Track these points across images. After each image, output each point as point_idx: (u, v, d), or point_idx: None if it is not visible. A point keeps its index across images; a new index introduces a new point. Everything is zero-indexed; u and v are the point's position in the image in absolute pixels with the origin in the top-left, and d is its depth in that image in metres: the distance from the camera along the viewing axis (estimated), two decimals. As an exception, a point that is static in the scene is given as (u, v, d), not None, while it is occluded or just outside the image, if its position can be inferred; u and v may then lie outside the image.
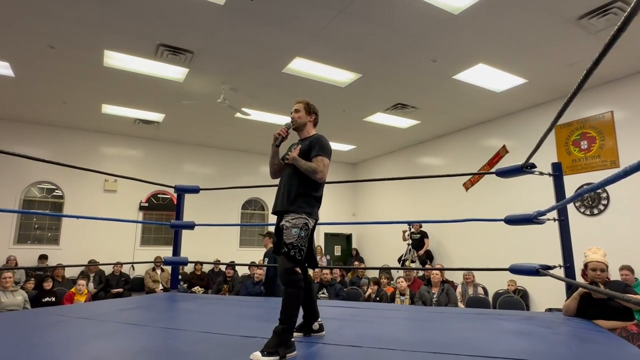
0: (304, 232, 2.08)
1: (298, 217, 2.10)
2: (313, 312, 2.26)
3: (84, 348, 2.02)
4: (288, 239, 2.06)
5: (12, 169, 8.34)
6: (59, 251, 8.63)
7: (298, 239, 2.06)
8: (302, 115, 2.37)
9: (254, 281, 6.83)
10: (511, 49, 5.50)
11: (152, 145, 10.02)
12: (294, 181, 2.18)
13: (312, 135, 2.35)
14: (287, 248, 2.04)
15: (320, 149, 2.21)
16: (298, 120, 2.37)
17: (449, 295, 5.69)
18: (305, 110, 2.38)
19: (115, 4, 4.59)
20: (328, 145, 2.27)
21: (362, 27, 5.03)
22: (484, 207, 8.16)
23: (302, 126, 2.39)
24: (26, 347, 2.11)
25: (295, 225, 2.08)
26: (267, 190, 10.96)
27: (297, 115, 2.37)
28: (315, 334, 2.24)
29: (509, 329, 2.62)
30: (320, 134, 2.34)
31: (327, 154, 2.22)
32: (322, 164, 2.18)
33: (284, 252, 2.04)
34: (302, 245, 2.06)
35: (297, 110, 2.38)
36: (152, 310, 3.31)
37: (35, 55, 5.74)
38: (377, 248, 11.33)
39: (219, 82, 6.63)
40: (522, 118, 7.82)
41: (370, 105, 7.73)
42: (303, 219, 2.10)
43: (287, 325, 1.92)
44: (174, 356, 1.88)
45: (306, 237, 2.10)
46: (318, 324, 2.26)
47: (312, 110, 2.41)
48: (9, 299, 4.97)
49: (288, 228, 2.08)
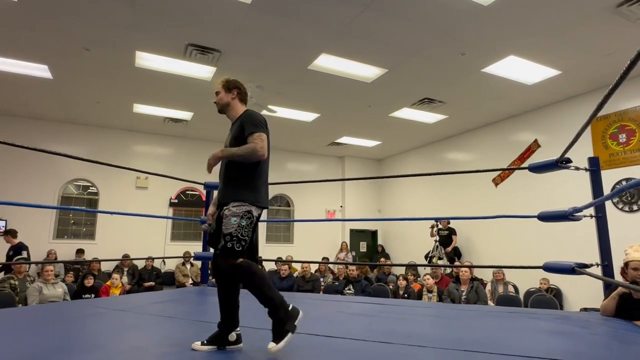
0: (245, 221, 1.89)
1: (240, 204, 1.91)
2: (233, 319, 1.94)
3: (124, 339, 2.10)
4: (227, 228, 1.87)
5: (50, 167, 8.74)
6: (94, 246, 8.99)
7: (238, 229, 1.87)
8: (222, 95, 2.16)
9: (280, 276, 6.93)
10: (544, 39, 5.31)
11: (181, 142, 10.26)
12: (231, 167, 2.01)
13: (242, 114, 2.12)
14: (225, 240, 1.85)
15: (253, 125, 2.01)
16: (219, 102, 2.17)
17: (479, 293, 5.58)
18: (224, 89, 2.16)
19: (147, 6, 4.72)
20: (259, 117, 2.06)
21: (388, 21, 4.98)
22: (514, 203, 7.94)
23: (226, 107, 2.17)
24: (72, 336, 2.22)
25: (236, 213, 1.89)
26: (292, 186, 11.06)
27: (217, 98, 2.17)
28: (231, 346, 1.90)
29: (544, 328, 2.55)
30: (250, 110, 2.13)
31: (261, 128, 2.01)
32: (260, 140, 1.96)
33: (221, 245, 1.86)
34: (242, 235, 1.87)
35: (217, 93, 2.17)
36: (184, 304, 3.40)
37: (71, 57, 5.98)
38: (403, 244, 11.22)
39: (246, 80, 6.67)
40: (555, 111, 7.55)
41: (396, 101, 7.65)
42: (245, 207, 1.91)
43: (273, 305, 1.82)
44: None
45: (248, 227, 1.90)
46: (236, 335, 1.91)
47: (231, 85, 2.16)
48: (50, 291, 5.22)
49: (227, 217, 1.89)
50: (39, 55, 5.94)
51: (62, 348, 1.91)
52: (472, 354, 1.86)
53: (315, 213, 11.40)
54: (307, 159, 11.90)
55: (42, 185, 8.67)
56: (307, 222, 11.38)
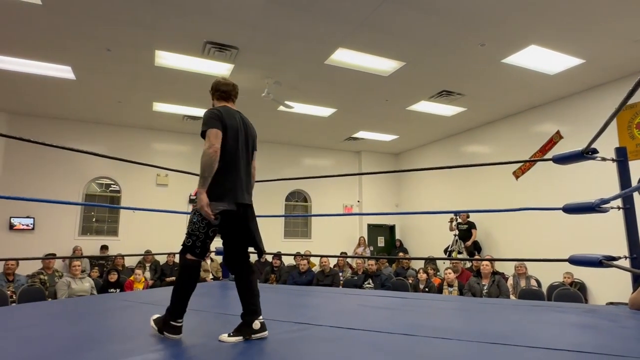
0: (196, 217, 1.96)
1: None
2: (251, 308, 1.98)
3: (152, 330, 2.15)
4: (188, 226, 2.00)
5: (74, 166, 8.99)
6: (118, 242, 9.22)
7: (190, 225, 1.97)
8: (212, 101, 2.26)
9: (299, 271, 6.98)
10: (568, 27, 5.17)
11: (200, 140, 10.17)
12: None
13: None
14: (185, 236, 1.98)
15: (203, 124, 2.03)
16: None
17: (500, 287, 5.51)
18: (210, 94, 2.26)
19: (166, 5, 4.79)
20: (211, 113, 2.05)
21: (406, 14, 4.92)
22: (536, 196, 7.78)
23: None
24: (103, 327, 2.30)
25: (196, 211, 1.96)
26: (309, 182, 11.09)
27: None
28: (257, 334, 1.94)
29: (570, 322, 2.51)
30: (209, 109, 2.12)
31: (211, 123, 2.00)
32: (208, 139, 1.97)
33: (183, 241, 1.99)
34: (193, 231, 1.95)
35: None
36: (208, 297, 3.47)
37: (93, 58, 6.11)
38: (422, 239, 11.14)
39: (263, 76, 6.75)
40: (577, 101, 7.35)
41: (414, 94, 7.57)
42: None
43: (171, 310, 1.95)
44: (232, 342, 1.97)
45: (199, 223, 1.96)
46: (259, 323, 1.96)
47: (212, 89, 2.24)
48: (78, 286, 5.39)
49: (190, 214, 2.02)
50: (63, 56, 6.09)
51: (96, 338, 1.98)
52: (498, 346, 1.85)
53: (333, 208, 11.41)
54: (324, 154, 11.90)
55: (67, 184, 8.91)
56: (324, 218, 11.40)
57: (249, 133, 2.18)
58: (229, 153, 2.03)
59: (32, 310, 2.89)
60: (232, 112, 2.13)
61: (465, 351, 1.82)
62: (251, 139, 2.20)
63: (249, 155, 2.17)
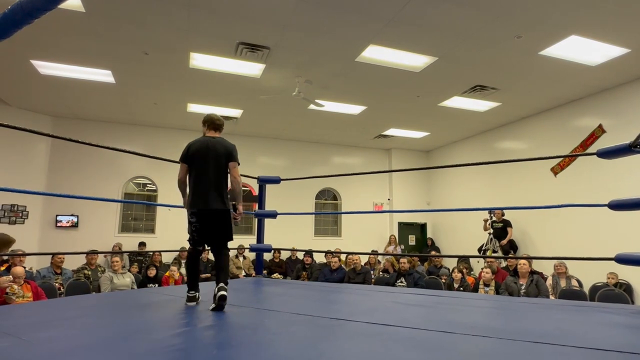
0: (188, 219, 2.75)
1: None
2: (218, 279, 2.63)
3: (202, 323, 2.23)
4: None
5: (113, 167, 9.41)
6: (155, 239, 9.56)
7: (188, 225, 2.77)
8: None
9: (331, 268, 7.00)
10: (611, 15, 4.92)
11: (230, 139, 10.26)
12: None
13: None
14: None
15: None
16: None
17: (539, 286, 5.33)
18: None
19: (200, 8, 4.92)
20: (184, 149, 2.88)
21: (438, 7, 4.84)
22: (576, 193, 7.46)
23: None
24: (149, 318, 2.40)
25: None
26: (339, 180, 11.10)
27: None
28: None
29: (617, 322, 2.40)
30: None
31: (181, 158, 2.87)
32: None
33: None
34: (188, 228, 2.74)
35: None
36: (244, 293, 3.55)
37: (132, 62, 6.36)
38: (454, 237, 10.93)
39: (294, 75, 6.81)
40: (621, 93, 6.99)
41: (446, 89, 7.43)
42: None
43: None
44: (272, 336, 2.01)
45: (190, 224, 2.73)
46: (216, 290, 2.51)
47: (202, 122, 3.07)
48: (120, 280, 5.64)
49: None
50: (104, 61, 6.37)
51: (143, 329, 2.07)
52: (541, 345, 1.80)
53: (363, 206, 11.37)
54: (354, 152, 11.87)
55: (107, 184, 9.32)
56: (354, 216, 11.38)
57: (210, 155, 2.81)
58: (195, 174, 2.77)
59: (82, 301, 3.05)
60: (202, 140, 2.89)
61: (508, 349, 1.78)
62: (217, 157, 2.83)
63: (219, 170, 2.80)
